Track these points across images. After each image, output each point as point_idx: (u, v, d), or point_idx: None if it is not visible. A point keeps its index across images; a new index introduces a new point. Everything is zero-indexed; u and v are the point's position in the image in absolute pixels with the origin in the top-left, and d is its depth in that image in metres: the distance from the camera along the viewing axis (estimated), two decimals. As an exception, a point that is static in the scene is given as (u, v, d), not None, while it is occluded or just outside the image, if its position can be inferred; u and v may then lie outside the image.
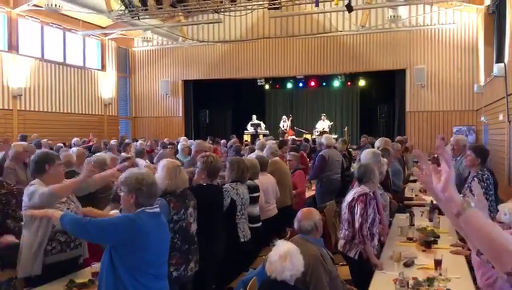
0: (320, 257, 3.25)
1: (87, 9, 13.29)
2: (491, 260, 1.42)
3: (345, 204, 4.14)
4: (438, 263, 3.51)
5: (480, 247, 1.45)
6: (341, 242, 4.13)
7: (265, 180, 5.49)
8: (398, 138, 10.26)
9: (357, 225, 3.93)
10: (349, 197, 4.12)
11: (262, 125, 17.88)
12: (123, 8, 12.80)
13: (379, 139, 6.73)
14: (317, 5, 11.84)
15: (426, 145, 15.81)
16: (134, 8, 12.67)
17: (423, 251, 4.16)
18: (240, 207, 4.44)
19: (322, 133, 16.20)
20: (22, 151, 5.94)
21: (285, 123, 17.81)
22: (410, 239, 4.52)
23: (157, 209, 2.78)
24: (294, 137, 16.15)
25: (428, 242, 4.24)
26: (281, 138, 14.77)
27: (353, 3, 12.25)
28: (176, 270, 3.38)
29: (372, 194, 4.10)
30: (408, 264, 3.71)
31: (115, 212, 3.99)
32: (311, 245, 3.30)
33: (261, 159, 5.69)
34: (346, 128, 17.24)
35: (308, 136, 16.63)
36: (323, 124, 17.28)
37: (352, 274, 4.03)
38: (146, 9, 12.81)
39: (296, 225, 3.47)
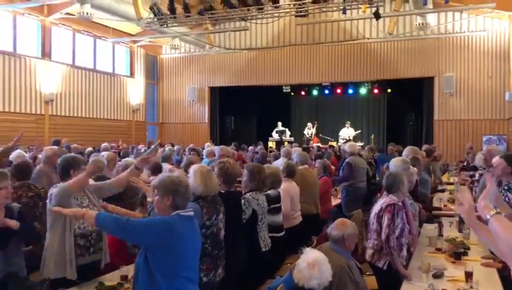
0: (347, 267, 3.22)
1: (117, 17, 13.58)
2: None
3: (373, 214, 4.09)
4: (468, 275, 3.44)
5: (503, 249, 1.62)
6: (369, 252, 4.07)
7: (292, 188, 5.47)
8: (426, 146, 10.08)
9: (383, 236, 3.88)
10: (377, 207, 4.07)
11: (287, 132, 17.86)
12: (152, 16, 13.00)
13: (407, 148, 6.64)
14: (344, 13, 11.78)
15: (455, 154, 15.52)
16: (163, 16, 12.85)
17: (452, 262, 4.07)
18: (261, 217, 4.40)
19: (347, 141, 16.08)
20: (51, 155, 6.06)
21: (310, 130, 17.73)
22: (438, 250, 4.44)
23: (191, 213, 2.78)
24: (319, 144, 16.08)
25: (458, 253, 4.15)
26: (305, 145, 14.72)
27: (381, 11, 12.14)
28: (206, 276, 3.39)
29: (401, 204, 4.03)
30: (437, 275, 3.64)
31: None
32: (337, 255, 3.28)
33: (290, 166, 5.67)
34: (372, 136, 17.07)
35: (334, 144, 16.53)
36: (348, 132, 17.12)
37: (379, 284, 3.97)
38: (174, 17, 12.98)
39: (328, 230, 3.48)
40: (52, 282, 3.48)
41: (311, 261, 2.71)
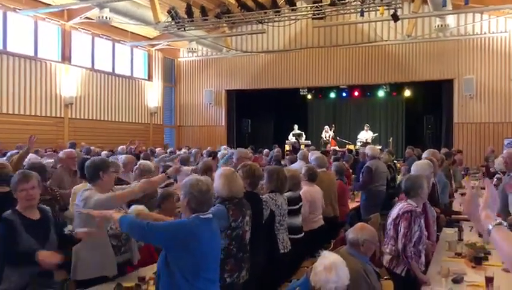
0: (363, 272, 3.17)
1: (136, 21, 13.74)
2: None
3: (390, 219, 4.00)
4: (489, 281, 3.36)
5: (504, 260, 1.66)
6: (387, 257, 3.98)
7: (313, 191, 5.48)
8: (444, 150, 9.93)
9: (400, 245, 3.78)
10: (394, 212, 3.98)
11: (303, 135, 17.79)
12: (170, 19, 13.12)
13: (427, 150, 6.53)
14: (362, 15, 11.71)
15: (475, 158, 15.26)
16: (180, 19, 12.96)
17: (473, 267, 3.99)
18: (279, 218, 4.40)
19: (365, 144, 15.92)
20: (65, 158, 6.15)
21: (327, 133, 17.62)
22: (458, 254, 4.35)
23: (210, 216, 2.84)
24: (336, 148, 15.98)
25: (479, 258, 4.06)
26: (322, 148, 14.65)
27: (399, 13, 12.04)
28: (229, 277, 3.42)
29: (419, 210, 3.92)
30: (457, 280, 3.57)
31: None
32: (353, 259, 3.24)
33: (310, 170, 5.67)
34: (391, 140, 16.90)
35: (351, 147, 16.41)
36: (366, 135, 16.96)
37: (396, 289, 3.90)
38: (192, 21, 13.08)
39: (346, 234, 3.45)
40: (79, 282, 3.58)
41: (328, 265, 2.68)
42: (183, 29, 13.58)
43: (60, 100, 14.34)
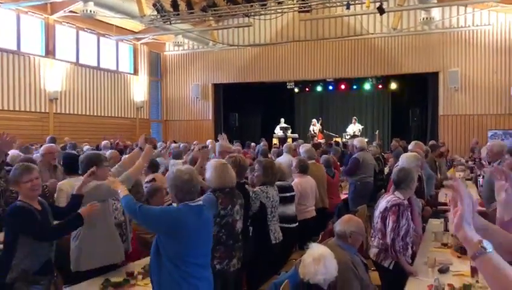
0: (351, 263, 3.20)
1: (121, 14, 13.59)
2: None
3: (377, 213, 4.01)
4: (474, 270, 3.41)
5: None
6: (374, 251, 4.00)
7: (304, 182, 5.56)
8: (432, 142, 10.04)
9: (388, 240, 3.79)
10: (382, 204, 3.99)
11: (290, 129, 17.81)
12: (155, 13, 13.01)
13: (412, 142, 6.60)
14: (348, 8, 11.73)
15: (460, 149, 15.44)
16: (166, 13, 12.85)
17: (458, 257, 4.05)
18: (271, 209, 4.48)
19: (352, 136, 16.00)
20: (46, 153, 6.09)
21: (314, 126, 17.67)
22: (444, 245, 4.42)
23: (200, 203, 2.93)
24: (323, 141, 16.04)
25: (464, 248, 4.12)
26: (310, 142, 14.68)
27: (385, 6, 12.09)
28: (219, 264, 3.52)
29: (406, 202, 3.95)
30: (443, 270, 3.63)
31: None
32: (341, 251, 3.26)
33: (302, 162, 5.76)
34: (377, 132, 16.99)
35: (338, 140, 16.48)
36: (354, 128, 17.06)
37: (382, 280, 3.91)
38: (177, 14, 12.97)
39: (333, 226, 3.48)
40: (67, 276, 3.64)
41: (317, 257, 2.70)
42: (168, 22, 13.47)
43: (44, 95, 14.15)
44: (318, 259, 2.69)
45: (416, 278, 3.56)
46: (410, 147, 6.27)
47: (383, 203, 3.96)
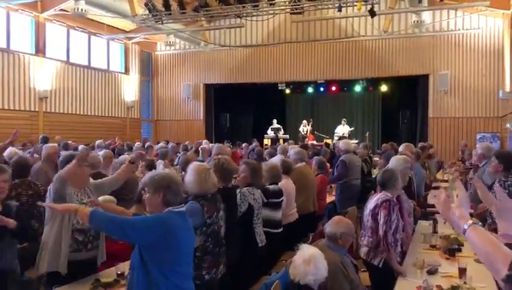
0: (341, 264, 3.22)
1: (112, 13, 13.54)
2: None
3: (367, 211, 4.07)
4: (462, 271, 3.46)
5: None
6: (364, 250, 4.05)
7: (288, 185, 5.48)
8: (421, 144, 10.13)
9: (381, 232, 3.85)
10: (371, 203, 4.05)
11: (282, 129, 17.85)
12: (147, 12, 12.97)
13: (402, 145, 6.66)
14: (339, 10, 11.81)
15: (449, 151, 15.59)
16: (157, 12, 12.82)
17: (447, 258, 4.10)
18: (257, 211, 4.42)
19: (341, 138, 16.09)
20: (51, 153, 6.08)
21: (305, 128, 17.73)
22: (433, 247, 4.47)
23: (183, 209, 2.79)
24: (314, 142, 16.11)
25: (452, 250, 4.18)
26: (300, 143, 14.73)
27: (376, 8, 12.17)
28: (208, 274, 3.38)
29: (395, 200, 4.03)
30: (431, 271, 3.67)
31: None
32: (331, 252, 3.28)
33: (285, 163, 5.68)
34: (367, 134, 17.08)
35: (329, 141, 16.55)
36: (343, 129, 17.15)
37: (373, 281, 3.96)
38: (169, 14, 12.94)
39: (323, 228, 3.50)
40: (49, 278, 3.51)
41: (307, 258, 2.72)
42: (160, 22, 13.43)
43: (34, 94, 14.03)
44: (308, 260, 2.70)
45: (405, 279, 3.60)
46: (400, 149, 6.34)
47: (372, 202, 4.03)
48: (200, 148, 9.08)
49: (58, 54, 15.04)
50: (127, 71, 18.20)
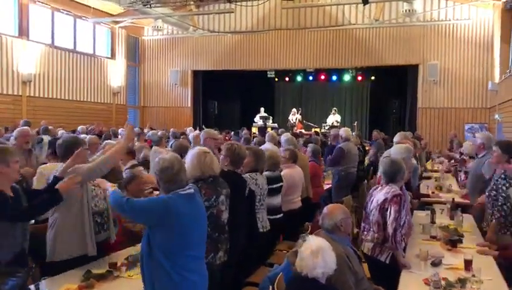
0: (346, 257, 3.08)
1: (99, -5, 13.17)
2: None
3: (374, 205, 3.89)
4: (468, 264, 3.37)
5: None
6: (368, 245, 3.89)
7: (294, 173, 5.46)
8: (416, 134, 10.10)
9: (390, 229, 3.68)
10: (379, 197, 3.86)
11: (271, 118, 17.70)
12: (135, -5, 12.66)
13: (398, 133, 6.55)
14: (333, -3, 11.62)
15: (437, 142, 15.65)
16: (146, -5, 12.52)
17: (448, 249, 4.01)
18: (259, 197, 4.36)
19: (331, 127, 16.01)
20: (19, 137, 5.90)
21: (294, 116, 17.61)
22: (433, 237, 4.38)
23: (191, 191, 2.79)
24: (302, 130, 16.01)
25: (454, 241, 4.09)
26: (290, 131, 14.61)
27: (368, -4, 12.05)
28: (205, 258, 3.28)
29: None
30: (435, 263, 3.57)
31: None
32: (335, 244, 3.13)
33: (291, 153, 5.65)
34: (356, 123, 17.04)
35: (317, 130, 16.47)
36: (333, 118, 17.09)
37: (375, 275, 3.77)
38: (158, -3, 12.66)
39: (320, 221, 3.34)
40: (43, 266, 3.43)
41: (315, 249, 2.58)
42: (148, 5, 13.13)
43: (17, 77, 13.60)
44: (316, 252, 2.57)
45: (410, 271, 3.49)
46: (396, 138, 6.21)
47: (380, 195, 3.84)
48: (190, 136, 8.88)
49: (43, 37, 14.60)
50: (113, 56, 17.80)
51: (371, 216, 3.90)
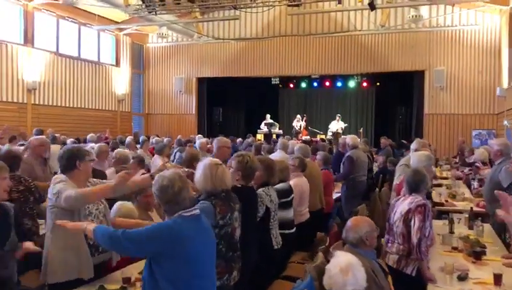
0: (372, 272, 2.95)
1: (104, 3, 13.10)
2: None
3: (397, 215, 3.77)
4: (498, 278, 3.24)
5: None
6: (393, 257, 3.76)
7: (303, 182, 5.27)
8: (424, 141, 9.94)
9: (414, 239, 3.56)
10: (402, 207, 3.75)
11: (276, 124, 17.60)
12: (140, 2, 12.59)
13: (416, 140, 6.38)
14: (339, 2, 11.55)
15: (444, 148, 15.51)
16: (151, 2, 12.44)
17: (473, 262, 3.87)
18: (273, 213, 4.13)
19: (335, 134, 15.91)
20: (37, 145, 5.71)
21: (298, 123, 17.51)
22: (455, 249, 4.24)
23: (196, 211, 2.54)
24: (307, 137, 15.90)
25: (478, 253, 3.94)
26: (294, 138, 14.50)
27: (375, 2, 11.95)
28: (219, 280, 3.07)
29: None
30: (462, 277, 3.43)
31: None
32: (361, 258, 3.01)
33: (301, 161, 5.44)
34: (361, 130, 16.92)
35: (323, 137, 16.37)
36: (337, 125, 16.97)
37: (398, 288, 3.64)
38: (163, 5, 12.58)
39: (343, 234, 3.20)
40: (50, 286, 3.21)
41: (345, 266, 2.45)
42: (154, 13, 13.04)
43: (22, 85, 13.54)
44: (346, 269, 2.44)
45: (436, 286, 3.36)
46: (414, 146, 6.06)
47: (403, 206, 3.72)
48: (197, 144, 8.77)
49: (48, 45, 14.54)
50: (117, 63, 17.75)
51: (395, 228, 3.76)
